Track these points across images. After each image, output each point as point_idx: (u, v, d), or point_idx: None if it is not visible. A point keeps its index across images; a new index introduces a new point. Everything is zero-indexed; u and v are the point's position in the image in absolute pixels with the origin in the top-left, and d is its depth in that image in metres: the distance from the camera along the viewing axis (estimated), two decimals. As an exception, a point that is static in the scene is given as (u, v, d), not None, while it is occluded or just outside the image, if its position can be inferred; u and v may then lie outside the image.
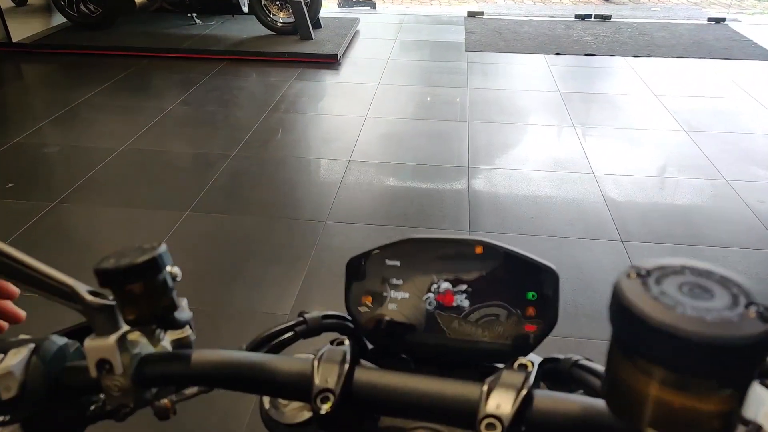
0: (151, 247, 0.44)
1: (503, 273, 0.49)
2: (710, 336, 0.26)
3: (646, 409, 0.29)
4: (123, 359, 0.43)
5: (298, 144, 3.45)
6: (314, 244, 2.45)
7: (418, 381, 0.41)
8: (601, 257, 2.40)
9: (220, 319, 2.03)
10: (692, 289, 0.29)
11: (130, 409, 0.44)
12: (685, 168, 3.16)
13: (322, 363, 0.42)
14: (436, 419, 0.44)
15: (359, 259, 0.53)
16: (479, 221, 2.62)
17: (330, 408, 0.40)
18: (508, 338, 0.49)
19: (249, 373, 0.44)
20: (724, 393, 0.28)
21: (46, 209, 2.64)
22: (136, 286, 0.42)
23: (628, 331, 0.28)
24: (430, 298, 0.51)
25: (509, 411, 0.37)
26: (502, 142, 3.42)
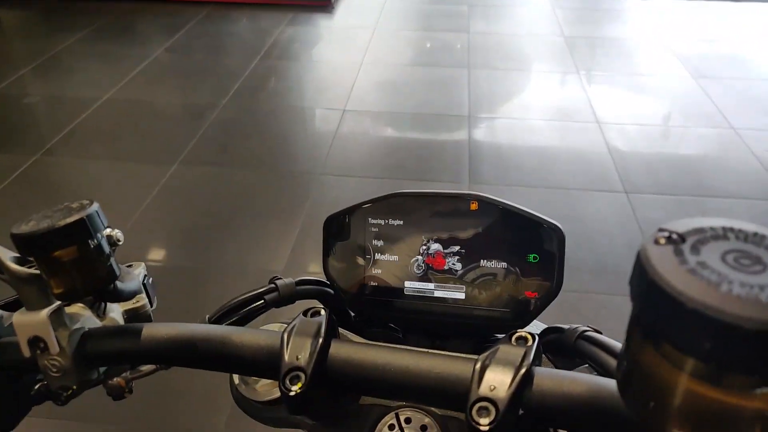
0: (79, 205, 0.36)
1: (501, 232, 0.43)
2: (766, 322, 0.19)
3: (670, 404, 0.23)
4: (60, 336, 0.37)
5: (291, 93, 3.32)
6: (308, 198, 2.36)
7: (401, 357, 0.35)
8: (605, 209, 2.33)
9: (210, 277, 1.97)
10: (739, 259, 0.22)
11: (73, 391, 0.39)
12: (692, 116, 3.05)
13: (293, 337, 0.36)
14: (423, 401, 0.40)
15: (339, 216, 0.47)
16: (479, 173, 2.54)
17: (300, 389, 0.34)
18: (506, 305, 0.43)
19: (209, 348, 0.38)
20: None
21: (28, 162, 2.54)
22: (62, 252, 0.35)
23: (656, 311, 0.21)
24: (419, 261, 0.45)
25: (505, 394, 0.31)
26: (504, 90, 3.29)
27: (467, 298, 0.44)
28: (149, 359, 0.40)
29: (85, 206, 0.36)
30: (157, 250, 2.13)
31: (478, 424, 0.31)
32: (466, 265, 0.44)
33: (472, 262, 0.44)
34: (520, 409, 0.32)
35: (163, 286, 2.00)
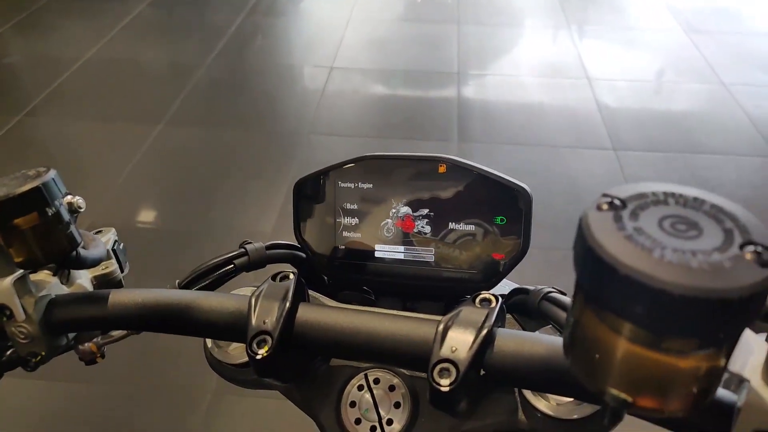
0: (36, 173, 0.37)
1: (469, 195, 0.44)
2: (695, 288, 0.19)
3: (610, 365, 0.24)
4: (25, 303, 0.37)
5: (278, 50, 3.26)
6: (295, 158, 2.35)
7: (367, 320, 0.36)
8: (593, 167, 2.33)
9: (197, 239, 1.97)
10: (676, 225, 0.22)
11: (42, 357, 0.39)
12: (683, 72, 3.03)
13: (260, 301, 0.37)
14: (388, 362, 0.40)
15: (309, 180, 0.47)
16: (468, 131, 2.52)
17: (267, 352, 0.35)
18: (475, 267, 0.44)
19: (177, 313, 0.38)
20: (707, 352, 0.22)
21: (11, 124, 2.50)
22: (20, 221, 0.35)
23: (594, 277, 0.22)
24: (389, 224, 0.46)
25: (465, 355, 0.32)
26: (494, 46, 3.24)
27: (436, 261, 0.45)
28: (117, 325, 0.41)
29: (41, 174, 0.36)
30: (144, 211, 2.13)
31: (439, 384, 0.31)
32: (435, 228, 0.45)
33: (441, 225, 0.45)
34: (482, 370, 0.33)
35: (149, 247, 2.01)
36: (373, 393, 0.41)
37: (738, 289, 0.19)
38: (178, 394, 1.52)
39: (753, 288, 0.19)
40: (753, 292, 0.19)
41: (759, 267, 0.20)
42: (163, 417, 1.47)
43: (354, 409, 0.41)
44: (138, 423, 1.45)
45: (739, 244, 0.21)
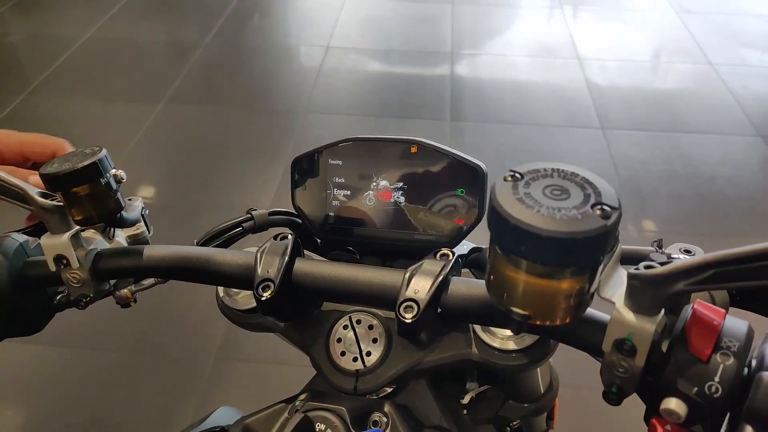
0: (92, 151, 0.46)
1: (436, 171, 0.52)
2: (556, 232, 0.28)
3: (513, 292, 0.33)
4: (78, 254, 0.46)
5: (275, 29, 3.31)
6: (293, 136, 2.42)
7: (349, 270, 0.45)
8: (580, 145, 2.41)
9: (196, 214, 2.05)
10: (554, 191, 0.31)
11: (91, 298, 0.48)
12: (672, 52, 3.09)
13: (265, 255, 0.45)
14: (365, 303, 0.50)
15: (304, 157, 0.55)
16: (461, 110, 2.59)
17: (270, 295, 0.43)
18: (440, 231, 0.52)
19: (197, 265, 0.47)
20: (578, 276, 0.31)
21: (14, 103, 2.56)
22: (80, 189, 0.44)
23: (497, 228, 0.31)
24: (370, 195, 0.53)
25: (425, 296, 0.41)
26: (488, 26, 3.29)
27: (410, 225, 0.53)
28: (149, 274, 0.50)
29: (96, 152, 0.46)
30: (146, 187, 2.20)
31: (404, 318, 0.40)
32: (409, 198, 0.53)
33: (414, 196, 0.53)
34: (439, 308, 0.42)
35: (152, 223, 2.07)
36: (355, 331, 0.50)
37: (583, 232, 0.28)
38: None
39: (595, 231, 0.28)
40: (596, 234, 0.28)
41: (602, 219, 0.29)
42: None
43: (340, 344, 0.50)
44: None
45: (591, 204, 0.29)
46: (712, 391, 0.31)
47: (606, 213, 0.29)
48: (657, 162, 2.33)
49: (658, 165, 2.31)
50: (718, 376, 0.30)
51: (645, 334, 0.32)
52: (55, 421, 1.47)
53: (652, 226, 2.05)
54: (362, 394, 0.48)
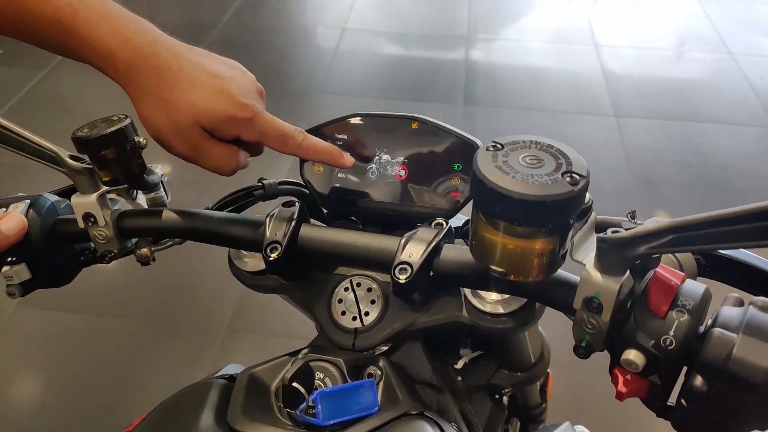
0: (118, 118, 0.51)
1: (435, 146, 0.55)
2: (528, 195, 0.32)
3: (493, 251, 0.36)
4: (104, 213, 0.51)
5: (292, 10, 3.33)
6: (307, 117, 2.45)
7: (350, 236, 0.49)
8: (593, 133, 2.42)
9: (212, 188, 2.09)
10: (530, 159, 0.34)
11: (115, 254, 0.53)
12: (691, 40, 3.06)
13: (273, 220, 0.50)
14: (364, 266, 0.54)
15: (312, 132, 0.58)
16: (474, 94, 2.60)
17: (277, 256, 0.48)
18: (437, 203, 0.55)
19: (212, 227, 0.52)
20: (548, 237, 0.35)
21: (38, 77, 2.62)
22: (107, 152, 0.49)
23: (477, 193, 0.34)
24: (373, 168, 0.57)
25: (418, 258, 0.45)
26: (505, 10, 3.29)
27: (409, 197, 0.56)
28: (167, 234, 0.54)
29: (122, 119, 0.51)
30: (162, 162, 2.25)
31: (398, 279, 0.44)
32: (409, 172, 0.56)
33: (414, 170, 0.56)
34: (431, 272, 0.45)
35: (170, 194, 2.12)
36: (355, 293, 0.54)
37: (552, 196, 0.32)
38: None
39: (564, 196, 0.32)
40: (564, 199, 0.32)
41: (570, 185, 0.32)
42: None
43: (341, 304, 0.54)
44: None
45: (562, 171, 0.33)
46: (667, 344, 0.34)
47: (575, 180, 0.32)
48: (669, 151, 2.33)
49: (670, 154, 2.31)
50: (673, 330, 0.34)
51: (610, 292, 0.36)
52: (81, 382, 1.54)
53: (662, 215, 2.06)
54: (360, 350, 0.52)
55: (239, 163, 0.54)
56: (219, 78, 0.49)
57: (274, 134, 0.53)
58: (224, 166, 0.52)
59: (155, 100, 0.48)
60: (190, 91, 0.48)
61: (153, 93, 0.48)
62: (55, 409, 1.48)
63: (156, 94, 0.48)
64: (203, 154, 0.50)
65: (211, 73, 0.49)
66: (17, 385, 1.57)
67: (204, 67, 0.49)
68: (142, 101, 0.49)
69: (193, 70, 0.48)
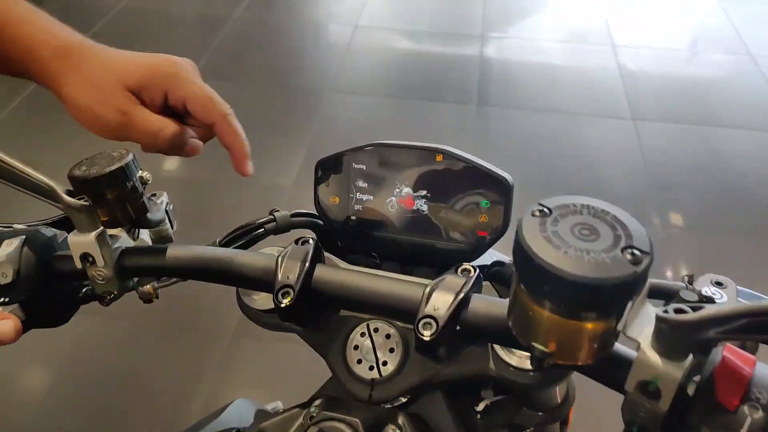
0: (119, 154, 0.47)
1: (460, 180, 0.51)
2: (584, 277, 0.28)
3: (536, 327, 0.32)
4: (104, 253, 0.47)
5: (305, 5, 3.28)
6: (318, 115, 2.42)
7: (369, 280, 0.45)
8: (610, 136, 2.37)
9: (220, 189, 2.07)
10: (582, 230, 0.30)
11: (115, 295, 0.50)
12: (711, 41, 3.00)
13: (285, 260, 0.46)
14: (384, 315, 0.49)
15: (328, 160, 0.55)
16: (488, 94, 2.56)
17: (290, 302, 0.44)
18: (462, 242, 0.51)
19: (219, 267, 0.48)
20: (603, 319, 0.31)
21: (47, 72, 2.59)
22: (107, 192, 0.46)
23: (522, 264, 0.30)
24: (392, 201, 0.53)
25: (444, 313, 0.40)
26: (520, 8, 3.23)
27: (431, 234, 0.52)
28: (172, 273, 0.51)
29: (123, 155, 0.47)
30: (170, 160, 2.23)
31: (423, 335, 0.40)
32: (431, 207, 0.52)
33: (437, 205, 0.52)
34: (458, 326, 0.41)
35: (177, 197, 2.09)
36: (372, 340, 0.50)
37: (612, 279, 0.28)
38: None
39: (624, 278, 0.28)
40: (624, 281, 0.28)
41: (631, 265, 0.28)
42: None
43: (357, 351, 0.50)
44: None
45: (622, 247, 0.29)
46: None
47: (637, 258, 0.28)
48: (687, 155, 2.28)
49: (689, 159, 2.26)
50: (745, 429, 0.30)
51: (671, 379, 0.32)
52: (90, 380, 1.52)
53: (679, 221, 2.02)
54: (377, 403, 0.48)
55: (176, 134, 0.53)
56: (143, 53, 0.53)
57: (203, 96, 0.54)
58: (157, 133, 0.52)
59: (80, 77, 0.50)
60: (115, 58, 0.51)
61: (77, 70, 0.50)
62: (59, 408, 1.47)
63: (80, 69, 0.50)
64: (132, 121, 0.51)
65: (136, 53, 0.53)
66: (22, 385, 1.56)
67: (129, 52, 0.53)
68: (67, 82, 0.50)
69: (118, 52, 0.53)
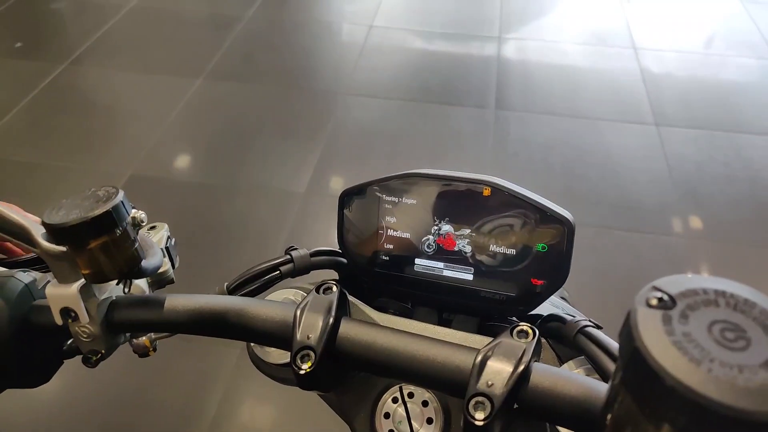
0: (106, 194, 0.38)
1: (513, 219, 0.44)
2: (739, 410, 0.19)
3: None
4: (89, 307, 0.40)
5: (319, 4, 3.22)
6: (331, 118, 2.36)
7: (407, 342, 0.37)
8: (632, 143, 2.29)
9: (232, 194, 2.01)
10: (725, 332, 0.22)
11: (102, 355, 0.42)
12: (735, 44, 2.90)
13: (305, 314, 0.38)
14: (423, 385, 0.42)
15: (354, 191, 0.48)
16: (506, 98, 2.49)
17: (310, 368, 0.36)
18: (512, 290, 0.44)
19: (225, 320, 0.40)
20: None
21: (56, 71, 2.55)
22: (91, 242, 0.37)
23: (638, 377, 0.22)
24: (429, 241, 0.46)
25: (501, 390, 0.33)
26: (538, 9, 3.15)
27: (475, 280, 0.45)
28: (171, 329, 0.42)
29: (111, 196, 0.38)
30: (181, 164, 2.18)
31: (474, 419, 0.32)
32: (476, 249, 0.45)
33: (482, 246, 0.45)
34: (516, 404, 0.34)
35: (187, 203, 2.06)
36: (407, 406, 0.43)
37: None
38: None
39: None
40: None
41: None
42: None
43: (388, 420, 0.43)
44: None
45: None
46: None
47: None
48: (714, 164, 2.19)
49: (716, 167, 2.18)
50: None
51: None
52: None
53: (706, 234, 1.94)
54: None
55: None
56: None
57: None
58: None
59: None
60: None
61: None
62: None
63: None
64: None
65: None
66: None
67: None
68: None
69: None
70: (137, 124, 2.31)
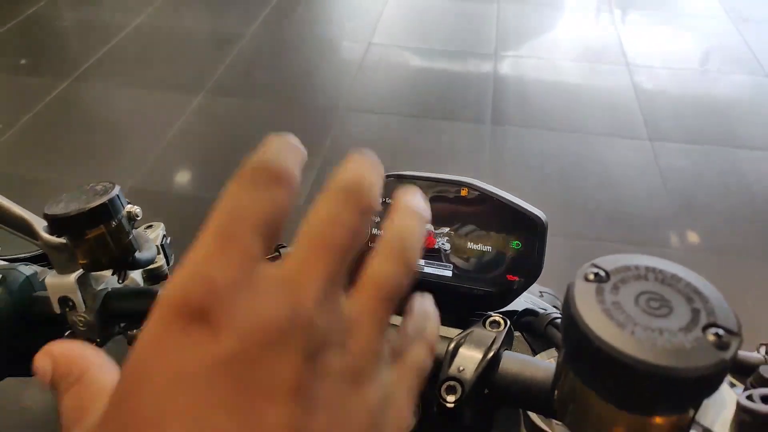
0: (103, 188, 0.41)
1: (488, 218, 0.45)
2: (656, 366, 0.21)
3: (587, 418, 0.26)
4: (86, 296, 0.42)
5: (318, 22, 3.28)
6: (329, 134, 2.40)
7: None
8: (626, 157, 2.32)
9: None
10: (650, 301, 0.24)
11: (98, 343, 0.44)
12: (727, 61, 2.96)
13: None
14: None
15: None
16: (502, 113, 2.53)
17: None
18: (489, 286, 0.46)
19: None
20: (675, 414, 0.25)
21: (60, 88, 2.60)
22: (88, 232, 0.40)
23: (573, 343, 0.24)
24: None
25: (471, 375, 0.35)
26: (534, 27, 3.21)
27: (453, 277, 0.47)
28: None
29: (108, 190, 0.41)
30: (182, 179, 2.21)
31: (445, 401, 0.35)
32: (454, 247, 0.47)
33: (460, 244, 0.46)
34: (486, 389, 0.36)
35: (185, 217, 2.08)
36: None
37: (694, 369, 0.21)
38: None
39: (709, 369, 0.21)
40: (709, 373, 0.21)
41: (717, 350, 0.22)
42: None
43: None
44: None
45: (703, 325, 0.23)
46: None
47: (723, 341, 0.22)
48: (709, 177, 2.23)
49: (710, 180, 2.21)
50: None
51: None
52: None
53: (703, 247, 1.97)
54: None
55: None
56: None
57: None
58: None
59: None
60: None
61: None
62: None
63: None
64: None
65: None
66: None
67: None
68: None
69: None
70: (138, 139, 2.34)
